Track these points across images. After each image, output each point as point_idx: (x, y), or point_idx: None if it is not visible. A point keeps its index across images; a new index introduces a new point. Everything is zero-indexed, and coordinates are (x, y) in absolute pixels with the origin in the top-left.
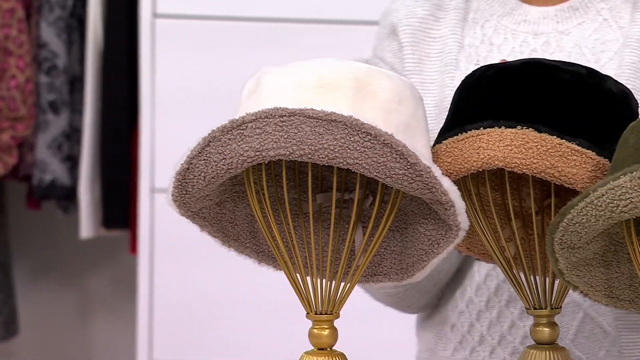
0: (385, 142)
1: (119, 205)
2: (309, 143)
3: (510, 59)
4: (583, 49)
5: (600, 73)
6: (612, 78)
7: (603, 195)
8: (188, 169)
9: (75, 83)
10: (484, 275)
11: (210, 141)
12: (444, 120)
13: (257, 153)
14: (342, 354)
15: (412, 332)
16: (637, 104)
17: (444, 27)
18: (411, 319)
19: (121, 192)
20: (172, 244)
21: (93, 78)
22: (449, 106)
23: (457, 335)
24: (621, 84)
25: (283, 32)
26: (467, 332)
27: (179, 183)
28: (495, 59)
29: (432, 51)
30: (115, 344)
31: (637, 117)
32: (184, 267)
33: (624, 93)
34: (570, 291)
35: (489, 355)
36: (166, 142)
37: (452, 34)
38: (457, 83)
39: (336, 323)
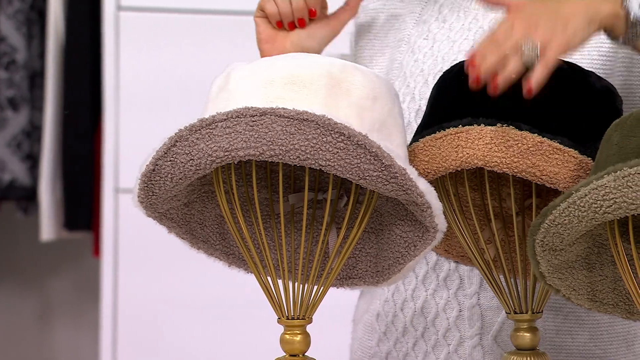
0: (359, 142)
1: (82, 206)
2: (279, 143)
3: (459, 36)
4: None
5: (583, 68)
6: (594, 74)
7: (586, 195)
8: (154, 170)
9: (36, 78)
10: None
11: (177, 141)
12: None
13: (227, 153)
14: None
15: None
16: (621, 100)
17: (406, 6)
18: None
19: (84, 193)
20: (137, 246)
21: (54, 73)
22: (395, 79)
23: (382, 325)
24: (604, 79)
25: (252, 26)
26: (391, 322)
27: (145, 184)
28: (444, 36)
29: (389, 27)
30: (77, 350)
31: (621, 114)
32: (149, 270)
33: (607, 89)
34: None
35: (412, 347)
36: (131, 140)
37: (410, 13)
38: (406, 57)
39: (309, 328)
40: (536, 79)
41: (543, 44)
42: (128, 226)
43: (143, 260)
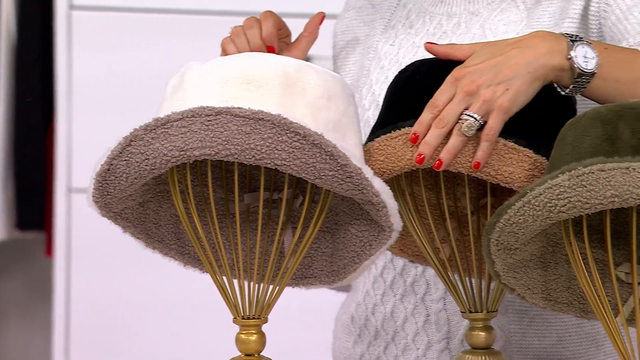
0: (314, 142)
1: (34, 206)
2: (235, 143)
3: (423, 41)
4: (486, 31)
5: None
6: None
7: (541, 194)
8: (109, 169)
9: None
10: (381, 267)
11: (132, 140)
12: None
13: (182, 153)
14: None
15: None
16: (575, 100)
17: (377, 12)
18: None
19: (36, 192)
20: (90, 246)
21: (5, 73)
22: (363, 86)
23: (356, 328)
24: None
25: (206, 25)
26: (364, 325)
27: (100, 184)
28: (409, 42)
29: (362, 35)
30: (29, 351)
31: (575, 113)
32: (103, 270)
33: None
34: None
35: (383, 351)
36: (83, 139)
37: (380, 18)
38: (372, 63)
39: (264, 328)
40: (481, 157)
41: (484, 112)
42: (81, 226)
43: (96, 260)
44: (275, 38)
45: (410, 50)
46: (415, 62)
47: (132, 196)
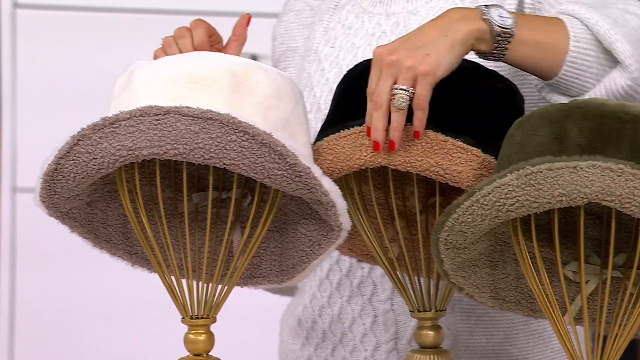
0: (263, 141)
1: None
2: (183, 142)
3: (362, 42)
4: None
5: (486, 68)
6: (497, 73)
7: (489, 193)
8: (56, 169)
9: None
10: (327, 269)
11: (79, 140)
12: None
13: (130, 152)
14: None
15: None
16: (523, 99)
17: (316, 14)
18: None
19: None
20: (35, 246)
21: None
22: (304, 89)
23: (303, 331)
24: (506, 78)
25: (153, 24)
26: (311, 328)
27: (47, 184)
28: (349, 44)
29: (301, 38)
30: None
31: (523, 112)
32: (49, 270)
33: (510, 88)
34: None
35: (331, 352)
36: (29, 138)
37: (320, 20)
38: (313, 66)
39: (213, 328)
40: (418, 126)
41: (411, 81)
42: (26, 226)
43: (42, 260)
44: (207, 46)
45: (350, 52)
46: (363, 61)
47: (79, 196)
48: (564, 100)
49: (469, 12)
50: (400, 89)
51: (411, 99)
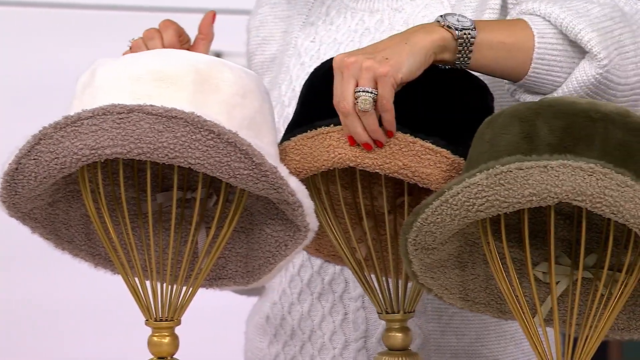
0: (229, 140)
1: None
2: (147, 141)
3: (345, 38)
4: (410, 28)
5: (455, 67)
6: (467, 71)
7: (458, 193)
8: (17, 169)
9: None
10: (298, 266)
11: (41, 139)
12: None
13: (93, 151)
14: None
15: None
16: (493, 97)
17: (293, 7)
18: None
19: None
20: None
21: None
22: (282, 83)
23: (271, 328)
24: (476, 77)
25: (117, 20)
26: (280, 325)
27: (8, 184)
28: (330, 39)
29: (277, 31)
30: None
31: (493, 111)
32: (10, 272)
33: (480, 87)
34: None
35: (300, 350)
36: None
37: (298, 14)
38: (292, 60)
39: (177, 330)
40: (387, 124)
41: (372, 82)
42: None
43: (2, 261)
44: (177, 47)
45: (332, 47)
46: (331, 58)
47: (41, 196)
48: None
49: (428, 24)
50: (363, 91)
51: (375, 101)
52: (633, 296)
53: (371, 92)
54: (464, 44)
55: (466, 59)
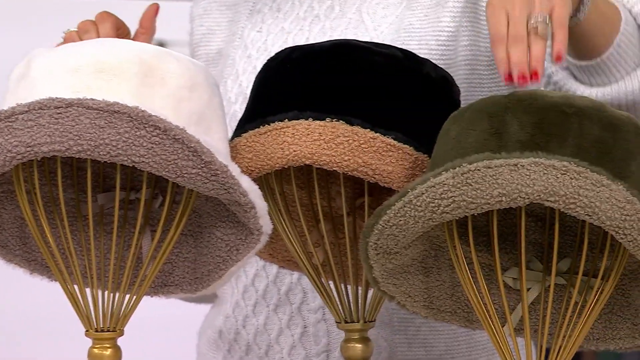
0: (176, 137)
1: None
2: (88, 138)
3: (293, 27)
4: (363, 15)
5: (418, 56)
6: (430, 62)
7: (423, 193)
8: None
9: None
10: (252, 275)
11: None
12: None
13: (29, 149)
14: None
15: None
16: (459, 90)
17: None
18: None
19: None
20: None
21: None
22: (228, 77)
23: (225, 343)
24: (441, 68)
25: (55, 7)
26: (234, 340)
27: None
28: (278, 28)
29: (224, 20)
30: None
31: (459, 105)
32: None
33: (444, 79)
34: None
35: None
36: None
37: (245, 2)
38: (238, 52)
39: (120, 341)
40: (562, 46)
41: (547, 8)
42: None
43: None
44: (113, 36)
45: (280, 37)
46: (285, 49)
47: None
48: (583, 90)
49: None
50: (542, 17)
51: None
52: (609, 304)
53: (547, 18)
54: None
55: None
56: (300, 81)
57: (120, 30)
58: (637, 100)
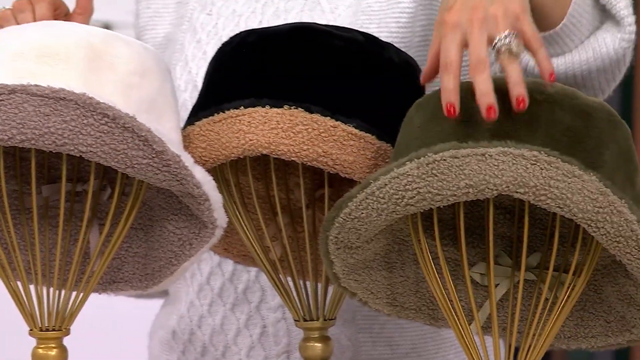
0: (125, 125)
1: None
2: (32, 126)
3: (245, 9)
4: None
5: (380, 40)
6: (393, 46)
7: (386, 185)
8: None
9: None
10: (207, 273)
11: None
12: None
13: None
14: None
15: None
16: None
17: None
18: None
19: None
20: None
21: None
22: (177, 63)
23: (179, 344)
24: (404, 52)
25: None
26: (189, 340)
27: None
28: (229, 10)
29: (171, 1)
30: None
31: (424, 91)
32: None
33: (408, 63)
34: None
35: None
36: None
37: None
38: (187, 36)
39: (66, 341)
40: (548, 58)
41: (511, 25)
42: None
43: None
44: (50, 18)
45: (231, 20)
46: (240, 32)
47: None
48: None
49: None
50: (507, 35)
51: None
52: (581, 300)
53: (514, 34)
54: None
55: None
56: (257, 67)
57: (58, 10)
58: (592, 69)
